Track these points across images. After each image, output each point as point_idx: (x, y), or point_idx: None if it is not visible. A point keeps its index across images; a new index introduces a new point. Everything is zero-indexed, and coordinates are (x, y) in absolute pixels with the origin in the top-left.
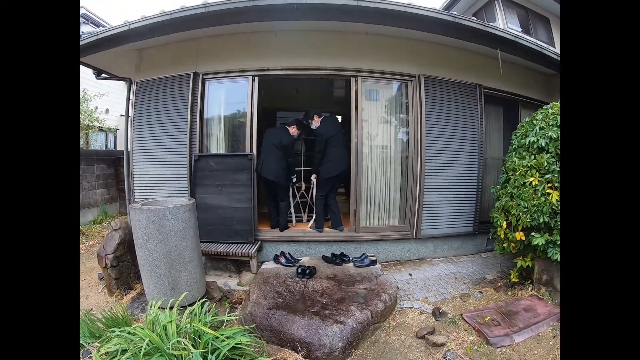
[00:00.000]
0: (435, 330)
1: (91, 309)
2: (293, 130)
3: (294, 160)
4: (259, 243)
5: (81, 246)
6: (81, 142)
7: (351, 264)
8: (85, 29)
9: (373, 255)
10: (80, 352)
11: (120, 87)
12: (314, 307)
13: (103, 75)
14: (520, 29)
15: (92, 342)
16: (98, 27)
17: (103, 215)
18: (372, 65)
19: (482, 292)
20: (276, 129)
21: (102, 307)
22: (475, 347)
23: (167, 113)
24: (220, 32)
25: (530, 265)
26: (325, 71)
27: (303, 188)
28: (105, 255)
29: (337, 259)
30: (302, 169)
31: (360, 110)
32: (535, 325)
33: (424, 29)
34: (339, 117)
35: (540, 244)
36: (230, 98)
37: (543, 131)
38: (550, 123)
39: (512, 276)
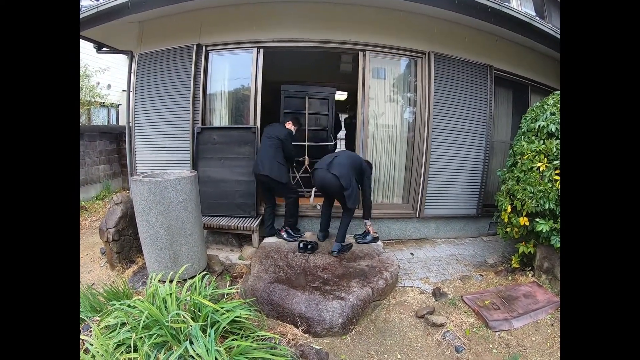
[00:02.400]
0: (435, 311)
1: (93, 284)
2: (289, 125)
3: (295, 154)
4: (260, 217)
5: (84, 221)
6: (83, 118)
7: (353, 240)
8: (84, 2)
9: (375, 232)
10: (81, 326)
11: (122, 62)
12: (314, 282)
13: (104, 49)
14: (534, 13)
15: (93, 316)
16: (98, 0)
17: (106, 191)
18: (381, 40)
19: (482, 275)
20: (272, 125)
21: (104, 281)
22: (474, 329)
23: (170, 86)
24: (225, 2)
25: (532, 252)
26: (333, 44)
27: (307, 163)
28: (107, 229)
29: None
30: (306, 143)
31: (367, 87)
32: (535, 312)
33: (436, 4)
34: (345, 94)
35: (544, 231)
36: (234, 70)
37: (554, 116)
38: None
39: (513, 261)
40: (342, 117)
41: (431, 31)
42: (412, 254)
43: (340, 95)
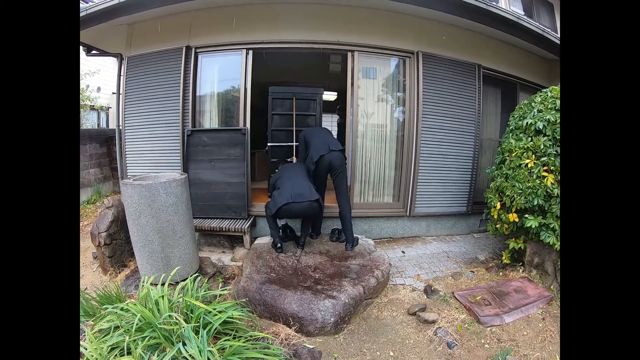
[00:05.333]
0: (426, 308)
1: (85, 288)
2: None
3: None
4: (252, 218)
5: None
6: None
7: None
8: None
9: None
10: None
11: (112, 64)
12: (306, 282)
13: (93, 52)
14: (523, 12)
15: (87, 321)
16: (87, 2)
17: (97, 195)
18: (370, 40)
19: (473, 272)
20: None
21: (97, 286)
22: (466, 325)
23: (159, 88)
24: (214, 4)
25: (522, 247)
26: (322, 45)
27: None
28: (99, 233)
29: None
30: (294, 144)
31: (357, 87)
32: (525, 306)
33: (424, 4)
34: (334, 94)
35: (533, 227)
36: (223, 72)
37: (541, 114)
38: (549, 106)
39: (503, 257)
40: (334, 117)
41: (419, 31)
42: (403, 252)
43: (330, 95)
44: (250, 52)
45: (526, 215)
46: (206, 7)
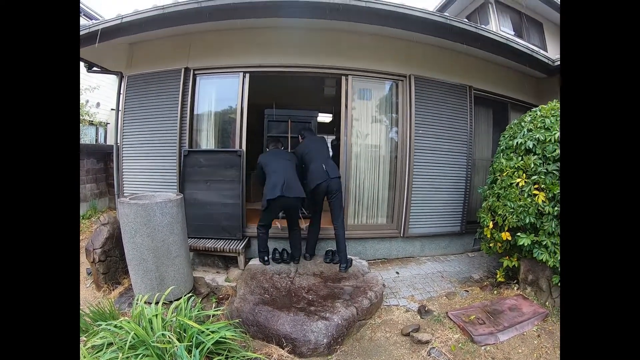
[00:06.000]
0: (420, 328)
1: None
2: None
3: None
4: (247, 239)
5: None
6: None
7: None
8: None
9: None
10: None
11: (111, 80)
12: (299, 303)
13: (94, 68)
14: (513, 33)
15: (80, 337)
16: (91, 20)
17: (92, 210)
18: (363, 65)
19: (468, 291)
20: (278, 150)
21: (90, 302)
22: (460, 345)
23: (158, 108)
24: (213, 28)
25: (516, 265)
26: (316, 69)
27: None
28: (94, 249)
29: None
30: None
31: (351, 109)
32: (520, 324)
33: (415, 29)
34: (330, 116)
35: (526, 244)
36: (220, 94)
37: (531, 133)
38: (538, 125)
39: (498, 276)
40: (330, 138)
41: (411, 55)
42: (397, 272)
43: (325, 117)
44: (247, 75)
45: (519, 234)
46: (205, 31)
